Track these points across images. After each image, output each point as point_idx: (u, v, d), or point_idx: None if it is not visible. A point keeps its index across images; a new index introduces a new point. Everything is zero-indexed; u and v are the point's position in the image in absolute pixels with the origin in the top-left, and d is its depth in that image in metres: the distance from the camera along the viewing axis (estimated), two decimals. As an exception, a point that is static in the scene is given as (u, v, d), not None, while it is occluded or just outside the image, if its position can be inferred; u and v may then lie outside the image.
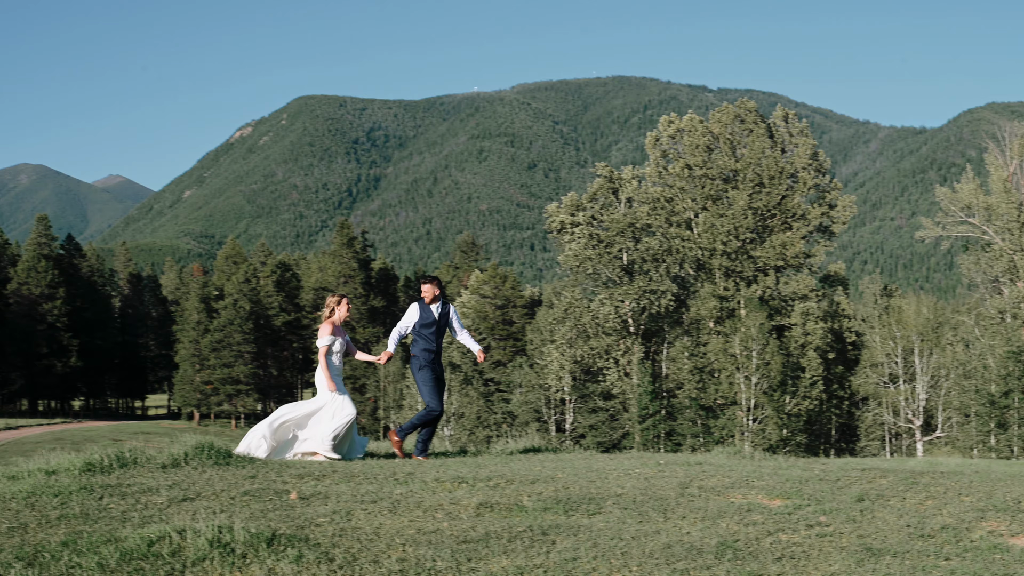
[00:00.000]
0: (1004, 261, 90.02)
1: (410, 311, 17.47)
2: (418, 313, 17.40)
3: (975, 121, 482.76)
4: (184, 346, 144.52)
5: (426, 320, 17.38)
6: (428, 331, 17.37)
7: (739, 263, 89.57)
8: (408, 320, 17.45)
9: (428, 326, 17.37)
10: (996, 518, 11.53)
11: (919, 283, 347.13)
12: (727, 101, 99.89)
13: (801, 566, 9.37)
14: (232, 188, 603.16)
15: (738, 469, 15.11)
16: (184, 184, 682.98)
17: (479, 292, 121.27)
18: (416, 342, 17.45)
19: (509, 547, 9.58)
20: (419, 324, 17.38)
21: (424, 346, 17.36)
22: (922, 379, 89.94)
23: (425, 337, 17.37)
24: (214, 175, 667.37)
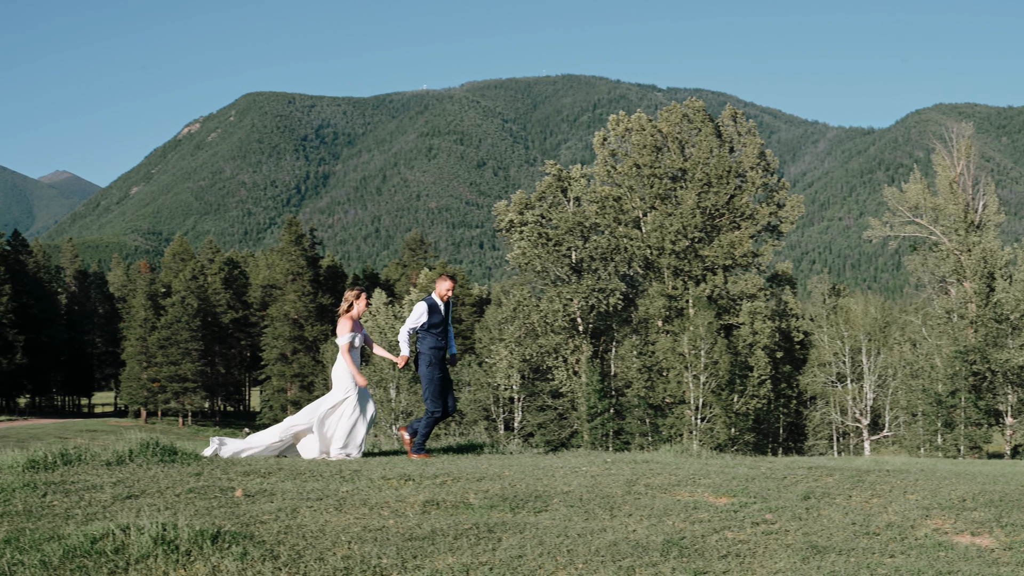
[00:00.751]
0: (951, 261, 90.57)
1: (420, 310, 17.25)
2: (429, 312, 17.21)
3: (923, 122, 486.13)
4: (131, 343, 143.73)
5: (437, 318, 17.24)
6: (438, 329, 17.23)
7: (687, 262, 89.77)
8: (421, 318, 17.19)
9: (438, 324, 17.23)
10: (941, 516, 11.58)
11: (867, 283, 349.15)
12: (676, 100, 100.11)
13: (747, 563, 9.38)
14: (180, 185, 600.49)
15: (685, 467, 15.13)
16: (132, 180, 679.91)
17: (428, 290, 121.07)
18: (424, 339, 17.24)
19: (455, 544, 9.56)
20: (429, 322, 17.17)
21: (433, 344, 17.19)
22: (869, 378, 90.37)
23: (435, 335, 17.21)
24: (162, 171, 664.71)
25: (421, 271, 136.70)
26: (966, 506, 12.09)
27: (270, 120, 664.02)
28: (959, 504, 12.17)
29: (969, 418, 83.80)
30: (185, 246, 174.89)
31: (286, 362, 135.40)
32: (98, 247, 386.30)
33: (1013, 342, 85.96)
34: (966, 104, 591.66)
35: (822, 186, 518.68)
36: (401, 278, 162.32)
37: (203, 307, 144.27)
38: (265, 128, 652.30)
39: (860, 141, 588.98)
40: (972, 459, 72.44)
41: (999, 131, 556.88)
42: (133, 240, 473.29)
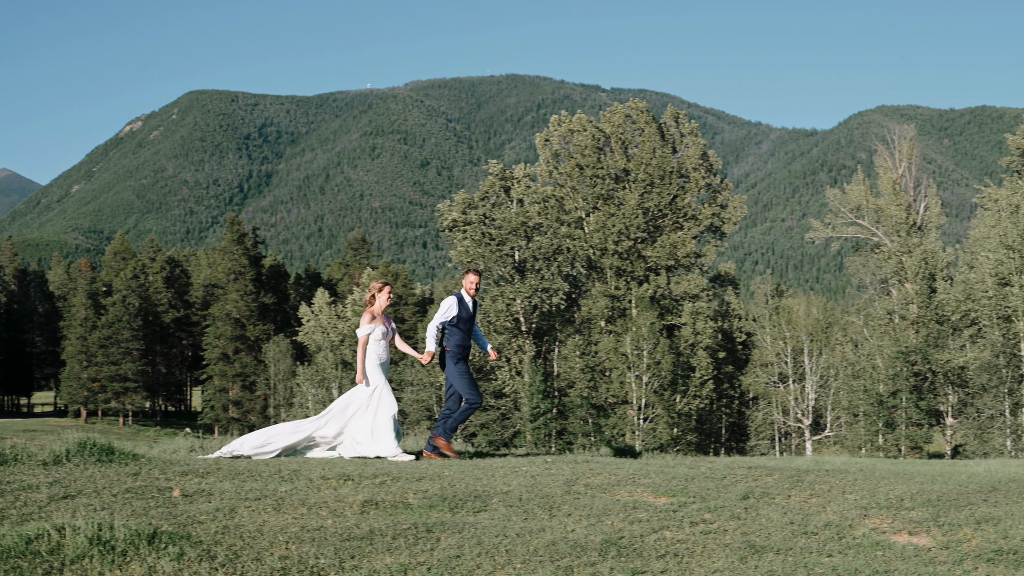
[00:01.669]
0: (893, 262, 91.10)
1: (450, 304, 17.19)
2: (458, 307, 17.17)
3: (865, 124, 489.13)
4: (71, 343, 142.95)
5: (465, 313, 17.19)
6: (465, 325, 17.19)
7: (630, 263, 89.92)
8: (449, 313, 17.15)
9: (467, 320, 17.18)
10: (879, 515, 11.63)
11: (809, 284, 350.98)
12: (621, 101, 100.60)
13: (684, 563, 9.39)
14: (122, 183, 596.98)
15: (625, 467, 15.15)
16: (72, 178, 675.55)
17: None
18: (452, 336, 17.19)
19: (393, 544, 9.53)
20: (458, 317, 17.13)
21: (459, 340, 17.15)
22: (811, 379, 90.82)
23: (463, 331, 17.17)
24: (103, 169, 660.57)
25: (364, 271, 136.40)
26: (904, 505, 12.14)
27: (213, 118, 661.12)
28: (897, 504, 12.23)
29: (910, 418, 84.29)
30: (126, 245, 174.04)
31: (228, 362, 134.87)
32: (38, 245, 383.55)
33: (954, 343, 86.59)
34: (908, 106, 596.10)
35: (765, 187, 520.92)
36: (344, 278, 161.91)
37: (144, 306, 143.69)
38: (208, 126, 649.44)
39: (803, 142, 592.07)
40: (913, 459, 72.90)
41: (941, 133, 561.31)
42: (74, 239, 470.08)
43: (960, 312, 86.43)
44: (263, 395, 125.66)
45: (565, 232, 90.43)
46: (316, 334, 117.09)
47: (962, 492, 13.33)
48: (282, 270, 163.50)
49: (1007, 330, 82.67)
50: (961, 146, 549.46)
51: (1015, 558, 10.01)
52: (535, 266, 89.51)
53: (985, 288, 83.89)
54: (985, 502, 12.60)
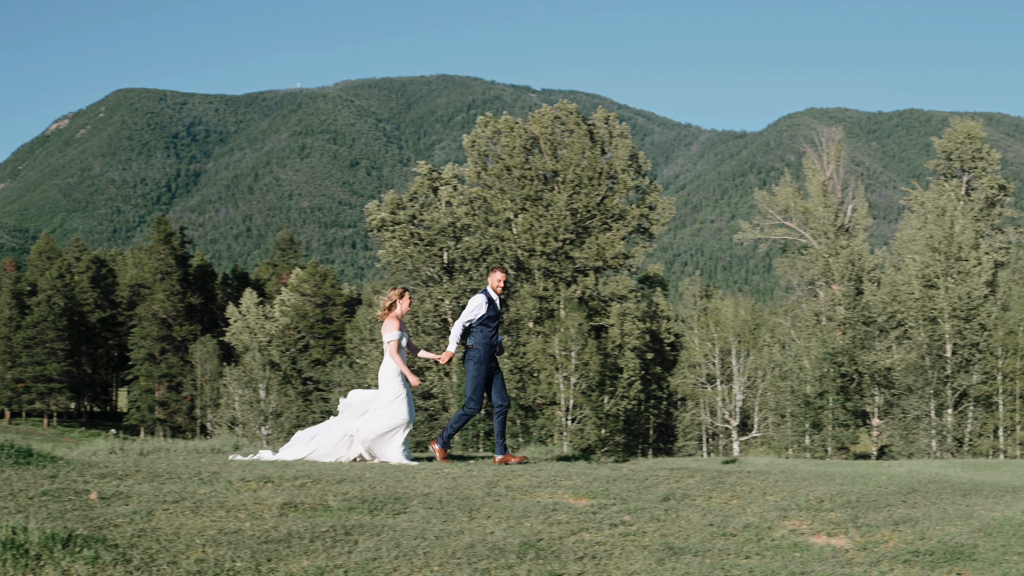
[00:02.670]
0: (820, 264, 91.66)
1: (477, 303, 16.93)
2: (486, 305, 16.93)
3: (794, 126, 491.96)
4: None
5: (493, 312, 16.98)
6: (492, 323, 16.99)
7: (558, 263, 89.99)
8: (476, 312, 16.91)
9: (493, 318, 16.98)
10: (798, 517, 11.68)
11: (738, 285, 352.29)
12: (551, 102, 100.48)
13: (602, 565, 9.40)
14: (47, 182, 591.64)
15: (547, 469, 15.16)
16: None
17: (299, 290, 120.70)
18: (478, 334, 16.96)
19: (310, 547, 9.50)
20: (486, 316, 16.92)
21: (485, 339, 16.94)
22: (739, 380, 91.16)
23: (490, 328, 16.97)
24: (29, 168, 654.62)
25: (292, 271, 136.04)
26: (823, 507, 12.20)
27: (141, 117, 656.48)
28: (816, 505, 12.29)
29: (836, 419, 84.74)
30: (52, 244, 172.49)
31: (154, 362, 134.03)
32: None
33: (880, 344, 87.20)
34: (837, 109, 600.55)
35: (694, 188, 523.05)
36: (271, 278, 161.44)
37: (70, 306, 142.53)
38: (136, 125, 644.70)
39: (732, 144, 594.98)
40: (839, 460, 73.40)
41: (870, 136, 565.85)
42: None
43: (886, 314, 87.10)
44: (189, 396, 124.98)
45: (493, 233, 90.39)
46: (243, 334, 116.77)
47: (881, 493, 13.40)
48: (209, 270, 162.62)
49: (933, 331, 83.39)
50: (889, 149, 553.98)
51: (931, 559, 10.08)
52: (464, 267, 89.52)
53: (911, 290, 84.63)
54: (904, 503, 12.68)
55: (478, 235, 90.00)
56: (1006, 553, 10.39)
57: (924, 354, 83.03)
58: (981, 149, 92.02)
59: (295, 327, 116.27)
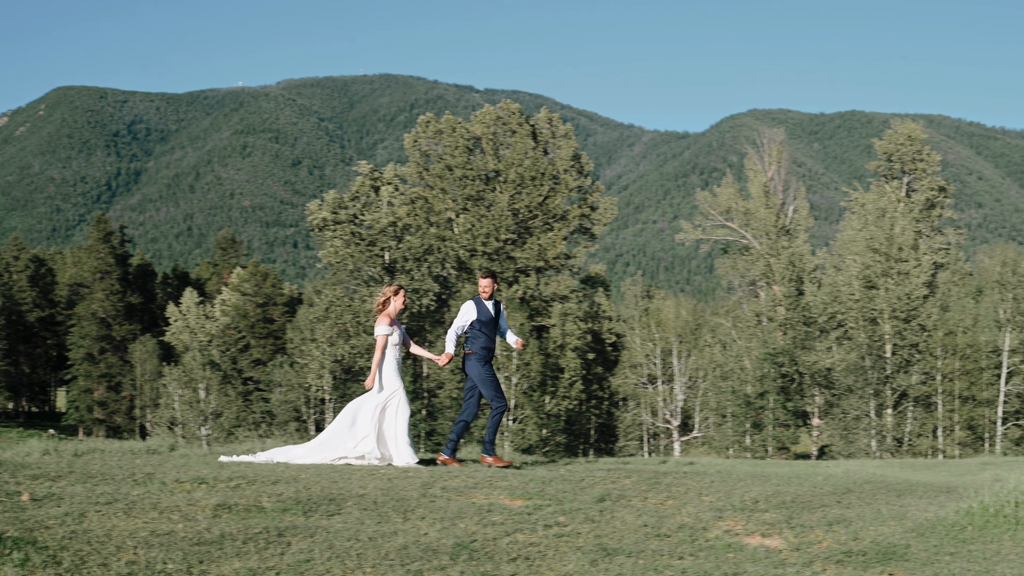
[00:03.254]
0: (761, 265, 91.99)
1: (467, 308, 17.22)
2: (477, 310, 17.15)
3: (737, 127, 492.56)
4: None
5: (485, 316, 17.12)
6: (488, 328, 17.15)
7: (499, 264, 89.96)
8: (467, 317, 17.17)
9: (487, 323, 17.13)
10: (733, 517, 11.71)
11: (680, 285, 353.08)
12: (494, 102, 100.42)
13: (535, 566, 9.39)
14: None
15: (483, 469, 15.15)
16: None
17: (239, 290, 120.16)
18: (475, 339, 17.17)
19: (243, 549, 9.45)
20: (479, 321, 17.10)
21: (484, 343, 17.13)
22: (680, 380, 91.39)
23: (485, 334, 17.13)
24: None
25: (233, 270, 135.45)
26: (758, 507, 12.24)
27: (81, 115, 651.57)
28: (752, 506, 12.33)
29: (777, 419, 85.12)
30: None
31: (93, 362, 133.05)
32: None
33: (820, 345, 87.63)
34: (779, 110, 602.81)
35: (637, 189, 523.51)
36: (212, 277, 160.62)
37: (7, 305, 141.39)
38: (76, 123, 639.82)
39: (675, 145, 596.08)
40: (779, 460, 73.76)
41: (811, 137, 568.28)
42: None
43: (827, 314, 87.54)
44: (129, 396, 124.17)
45: (435, 233, 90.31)
46: (184, 334, 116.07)
47: (816, 494, 13.47)
48: (150, 269, 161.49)
49: (873, 332, 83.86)
50: (831, 150, 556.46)
51: (863, 559, 10.12)
52: (405, 267, 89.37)
53: (851, 291, 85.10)
54: (838, 504, 12.74)
55: (419, 235, 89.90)
56: (938, 553, 10.46)
57: (864, 354, 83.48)
58: (921, 151, 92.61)
59: (236, 327, 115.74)
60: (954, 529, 11.40)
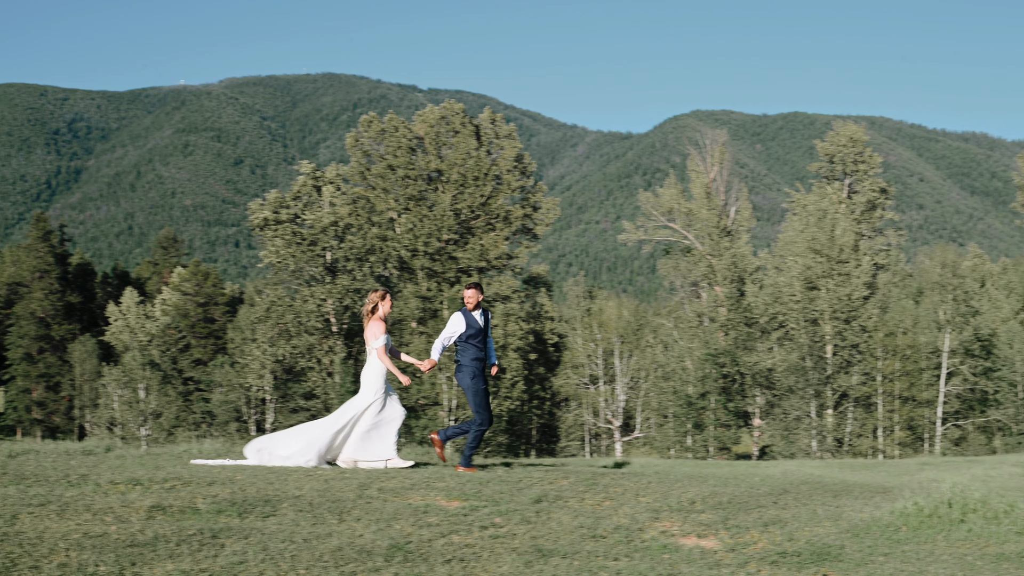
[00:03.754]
0: (703, 265, 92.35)
1: (454, 320, 17.12)
2: (464, 322, 17.07)
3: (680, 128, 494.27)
4: None
5: (472, 329, 17.07)
6: (476, 339, 17.08)
7: (441, 264, 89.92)
8: (454, 329, 17.09)
9: (475, 335, 17.07)
10: (670, 518, 11.72)
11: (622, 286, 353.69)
12: (437, 101, 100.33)
13: (470, 568, 9.37)
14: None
15: (420, 470, 15.12)
16: None
17: (180, 289, 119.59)
18: (465, 351, 17.09)
19: (176, 551, 9.39)
20: (466, 334, 17.03)
21: (474, 355, 17.05)
22: (622, 380, 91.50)
23: (474, 345, 17.07)
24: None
25: (174, 270, 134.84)
26: (695, 508, 12.26)
27: (20, 112, 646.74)
28: (688, 506, 12.35)
29: (718, 419, 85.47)
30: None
31: (31, 362, 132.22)
32: None
33: (762, 345, 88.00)
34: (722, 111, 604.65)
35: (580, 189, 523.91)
36: (152, 277, 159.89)
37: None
38: (15, 120, 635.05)
39: (618, 145, 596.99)
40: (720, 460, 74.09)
41: (754, 138, 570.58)
42: None
43: (768, 315, 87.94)
44: (68, 396, 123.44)
45: (376, 233, 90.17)
46: (124, 334, 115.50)
47: (753, 495, 13.51)
48: (90, 268, 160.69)
49: (814, 333, 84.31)
50: (773, 151, 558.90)
51: (798, 560, 10.16)
52: (347, 266, 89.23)
53: (793, 291, 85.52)
54: (775, 504, 12.79)
55: (361, 235, 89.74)
56: (872, 554, 10.51)
57: (805, 355, 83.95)
58: (863, 152, 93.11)
59: (176, 326, 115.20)
60: (889, 530, 11.46)
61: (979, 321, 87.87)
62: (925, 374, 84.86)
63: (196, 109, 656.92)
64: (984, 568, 10.23)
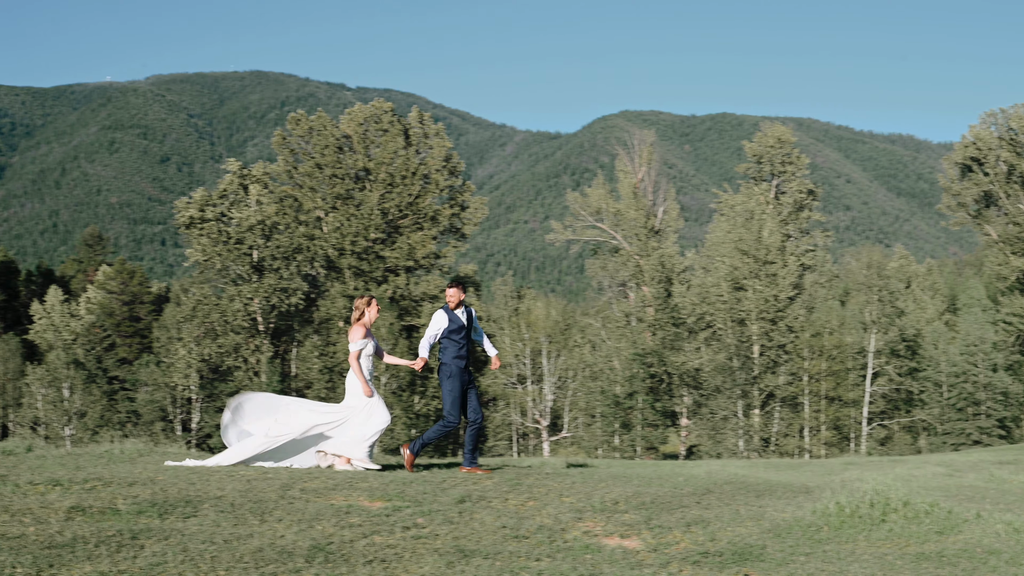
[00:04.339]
0: (631, 265, 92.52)
1: (437, 318, 17.13)
2: (446, 319, 17.09)
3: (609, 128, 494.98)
4: None
5: (455, 326, 17.08)
6: (458, 336, 17.10)
7: (368, 263, 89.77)
8: (436, 327, 17.09)
9: (457, 332, 17.09)
10: (593, 518, 11.73)
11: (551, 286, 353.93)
12: (366, 100, 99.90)
13: (391, 569, 9.34)
14: None
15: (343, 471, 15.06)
16: None
17: (105, 287, 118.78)
18: (447, 349, 17.14)
19: (95, 552, 9.30)
20: (448, 330, 17.05)
21: (455, 353, 17.08)
22: (549, 380, 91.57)
23: (456, 343, 17.09)
24: None
25: (99, 268, 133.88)
26: (618, 508, 12.27)
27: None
28: (611, 507, 12.36)
29: (646, 419, 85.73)
30: None
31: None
32: None
33: (689, 345, 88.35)
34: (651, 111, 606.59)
35: (508, 189, 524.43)
36: (78, 275, 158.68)
37: None
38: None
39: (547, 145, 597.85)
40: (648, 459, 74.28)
41: (682, 139, 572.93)
42: None
43: (696, 315, 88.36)
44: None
45: (303, 232, 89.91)
46: (48, 333, 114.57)
47: (677, 495, 13.54)
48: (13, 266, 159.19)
49: (741, 333, 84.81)
50: (701, 152, 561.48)
51: (720, 560, 10.18)
52: (273, 265, 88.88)
53: (720, 292, 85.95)
54: (698, 504, 12.82)
55: (288, 234, 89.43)
56: (793, 554, 10.55)
57: (732, 355, 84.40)
58: (791, 153, 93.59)
59: (101, 325, 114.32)
60: (810, 530, 11.51)
61: (904, 322, 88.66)
62: (851, 374, 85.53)
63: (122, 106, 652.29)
64: (904, 567, 10.29)
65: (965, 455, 43.32)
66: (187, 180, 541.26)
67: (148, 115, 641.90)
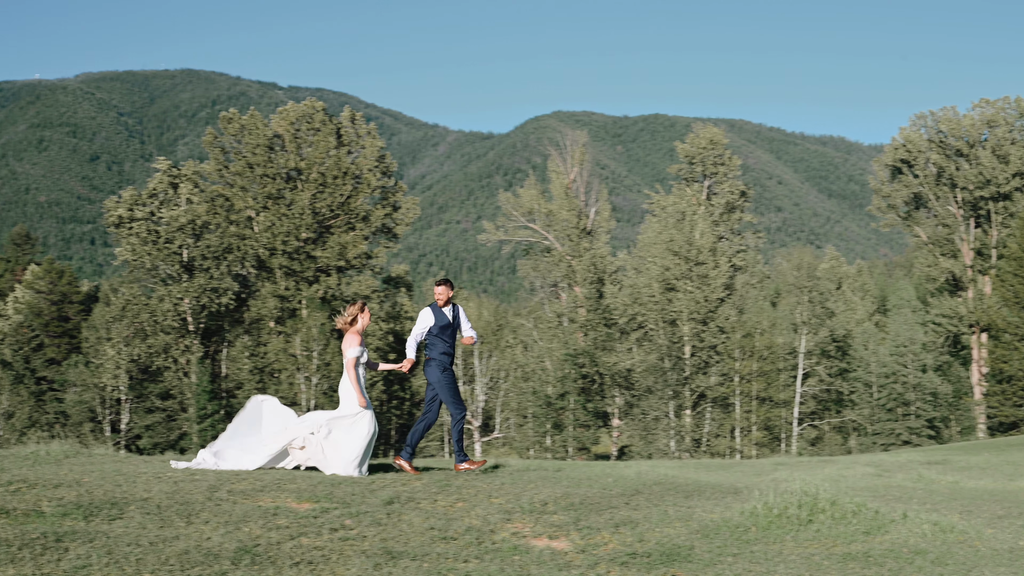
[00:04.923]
0: (563, 266, 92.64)
1: (424, 316, 17.22)
2: (433, 317, 17.18)
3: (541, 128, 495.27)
4: None
5: (442, 323, 17.17)
6: (445, 334, 17.20)
7: (299, 263, 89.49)
8: (424, 325, 17.18)
9: (444, 328, 17.19)
10: (522, 520, 11.71)
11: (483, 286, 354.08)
12: (298, 99, 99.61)
13: (318, 570, 9.31)
14: None
15: (272, 472, 14.97)
16: None
17: (33, 287, 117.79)
18: (434, 346, 17.24)
19: (18, 555, 9.19)
20: (436, 327, 17.12)
21: (443, 349, 17.22)
22: (481, 380, 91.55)
23: (443, 340, 17.21)
24: None
25: (27, 267, 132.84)
26: (547, 509, 12.26)
27: None
28: (540, 508, 12.34)
29: (578, 420, 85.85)
30: None
31: None
32: None
33: (621, 346, 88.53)
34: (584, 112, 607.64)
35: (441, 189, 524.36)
36: (5, 274, 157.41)
37: None
38: None
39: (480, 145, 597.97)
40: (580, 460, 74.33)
41: (615, 140, 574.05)
42: None
43: (627, 316, 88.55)
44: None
45: (234, 231, 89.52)
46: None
47: (606, 495, 13.54)
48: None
49: (672, 334, 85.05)
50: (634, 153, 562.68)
51: (648, 561, 10.19)
52: (204, 265, 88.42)
53: (652, 293, 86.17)
54: (627, 505, 12.82)
55: (218, 233, 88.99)
56: (721, 554, 10.58)
57: (663, 356, 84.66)
58: (723, 155, 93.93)
59: (29, 325, 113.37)
60: (738, 530, 11.55)
61: (835, 323, 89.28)
62: (782, 375, 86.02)
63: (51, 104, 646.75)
64: (831, 568, 10.34)
65: (894, 455, 43.61)
66: (117, 179, 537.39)
67: (77, 113, 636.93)
